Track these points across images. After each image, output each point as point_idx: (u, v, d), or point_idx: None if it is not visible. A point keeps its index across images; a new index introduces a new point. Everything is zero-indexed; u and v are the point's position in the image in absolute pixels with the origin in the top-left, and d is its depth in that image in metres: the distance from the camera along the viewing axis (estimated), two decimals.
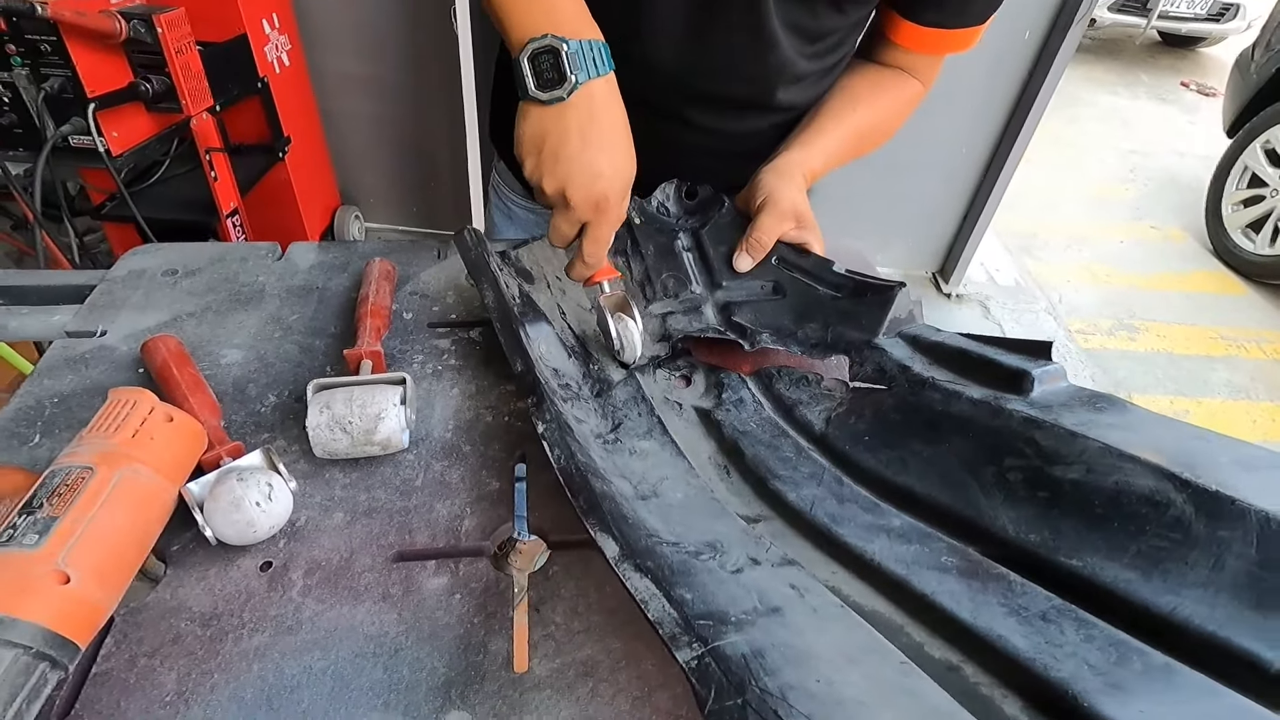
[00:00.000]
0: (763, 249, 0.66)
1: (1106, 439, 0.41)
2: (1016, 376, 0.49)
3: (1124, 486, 0.39)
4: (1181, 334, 2.58)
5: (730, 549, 0.43)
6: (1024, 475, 0.44)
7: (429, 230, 2.56)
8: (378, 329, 0.62)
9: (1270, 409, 2.28)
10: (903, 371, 0.56)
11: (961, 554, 0.43)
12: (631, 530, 0.41)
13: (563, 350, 0.60)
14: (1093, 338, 2.53)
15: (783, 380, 0.62)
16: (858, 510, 0.48)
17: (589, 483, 0.44)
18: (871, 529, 0.46)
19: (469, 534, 0.50)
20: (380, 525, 0.50)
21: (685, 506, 0.48)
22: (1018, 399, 0.48)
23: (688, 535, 0.44)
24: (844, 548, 0.45)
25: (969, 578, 0.40)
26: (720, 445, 0.57)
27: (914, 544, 0.44)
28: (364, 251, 0.76)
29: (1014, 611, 0.38)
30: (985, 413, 0.48)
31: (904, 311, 0.61)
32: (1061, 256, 2.96)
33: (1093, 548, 0.39)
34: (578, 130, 0.52)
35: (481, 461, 0.55)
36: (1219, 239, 3.00)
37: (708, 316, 0.67)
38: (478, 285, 0.58)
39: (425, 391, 0.61)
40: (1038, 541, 0.41)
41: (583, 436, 0.52)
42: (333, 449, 0.52)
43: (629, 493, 0.48)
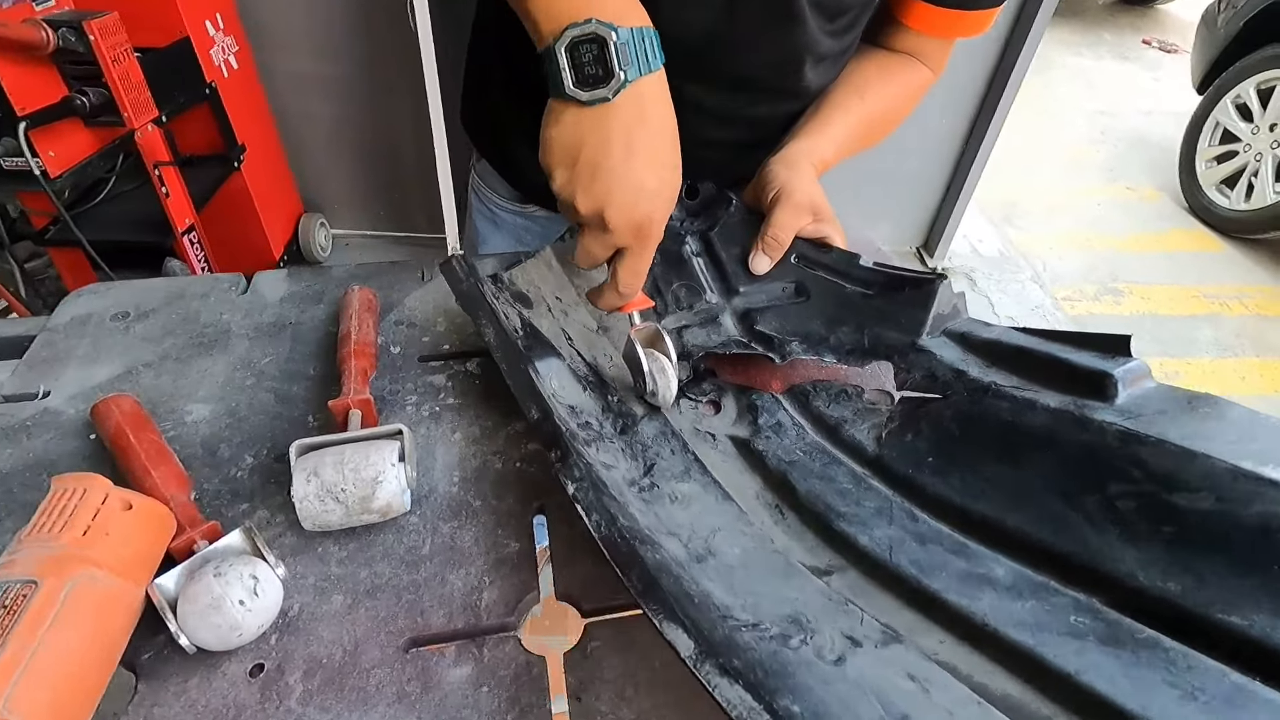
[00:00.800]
0: (781, 247, 0.60)
1: (1233, 457, 0.36)
2: (1096, 379, 0.43)
3: (1272, 520, 0.33)
4: (1164, 294, 2.58)
5: (819, 625, 0.37)
6: (1138, 505, 0.38)
7: (400, 234, 2.46)
8: (364, 371, 0.54)
9: (1258, 365, 2.29)
10: (958, 377, 0.50)
11: (1091, 611, 0.37)
12: (700, 612, 0.35)
13: (576, 382, 0.54)
14: (1079, 304, 2.52)
15: (820, 396, 0.56)
16: (945, 554, 0.42)
17: (639, 554, 0.37)
18: (970, 580, 0.40)
19: (490, 608, 0.44)
20: (387, 606, 0.43)
21: (748, 566, 0.42)
22: (1102, 406, 0.43)
23: (763, 608, 0.38)
24: (943, 606, 0.39)
25: (1113, 646, 0.34)
26: (766, 480, 0.51)
27: (1028, 599, 0.38)
28: (339, 278, 0.69)
29: (1188, 695, 0.31)
30: (1069, 425, 0.43)
31: (947, 307, 0.55)
32: (1042, 223, 2.95)
33: (1251, 600, 0.33)
34: (623, 138, 0.44)
35: (495, 518, 0.49)
36: (1194, 196, 3.00)
37: (727, 327, 0.60)
38: (475, 322, 0.51)
39: (424, 438, 0.54)
40: (1179, 591, 0.35)
41: (616, 488, 0.45)
42: (325, 521, 0.45)
43: (681, 555, 0.42)
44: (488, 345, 0.50)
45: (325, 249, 2.31)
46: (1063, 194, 3.16)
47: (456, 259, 0.55)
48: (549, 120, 0.46)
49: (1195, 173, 2.98)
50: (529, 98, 0.45)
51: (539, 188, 0.47)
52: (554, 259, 0.62)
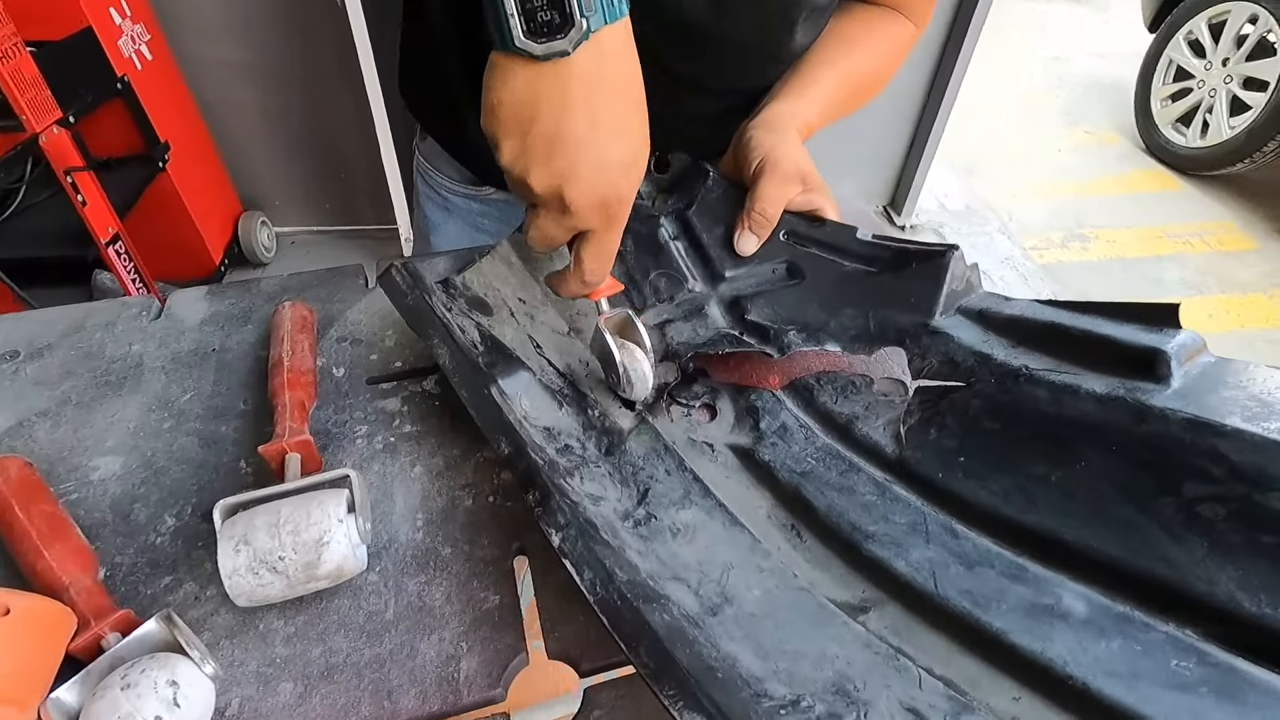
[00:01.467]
0: (769, 224, 0.54)
1: None
2: (1145, 357, 0.37)
3: None
4: (1130, 237, 2.58)
5: (871, 694, 0.31)
6: (1227, 510, 0.32)
7: (349, 228, 2.33)
8: (301, 404, 0.46)
9: (1224, 301, 2.31)
10: (982, 361, 0.44)
11: (1194, 652, 0.31)
12: (728, 694, 0.29)
13: (550, 399, 0.47)
14: (1047, 252, 2.51)
15: (825, 390, 0.50)
16: (1001, 579, 0.36)
17: (644, 618, 0.31)
18: (1037, 613, 0.34)
19: (471, 680, 0.37)
20: (347, 691, 0.36)
21: (773, 614, 0.36)
22: (1156, 389, 0.37)
23: (800, 673, 0.32)
24: (1010, 651, 0.33)
25: (1233, 702, 0.28)
26: (778, 496, 0.44)
27: (1113, 637, 0.32)
28: (269, 292, 0.60)
29: None
30: (1123, 415, 0.37)
31: (960, 282, 0.49)
32: (1005, 174, 2.92)
33: None
34: (585, 102, 0.37)
35: (469, 567, 0.42)
36: (1151, 136, 3.00)
37: (715, 318, 0.54)
38: (425, 342, 0.44)
39: (378, 477, 0.46)
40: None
41: (609, 527, 0.39)
42: (263, 596, 0.37)
43: (694, 607, 0.35)
44: (443, 369, 0.42)
45: (270, 249, 2.17)
46: (1024, 143, 3.14)
47: (397, 267, 0.47)
48: (493, 79, 0.38)
49: (1151, 113, 2.98)
50: (481, 58, 0.37)
51: (495, 167, 0.39)
52: (513, 254, 0.54)
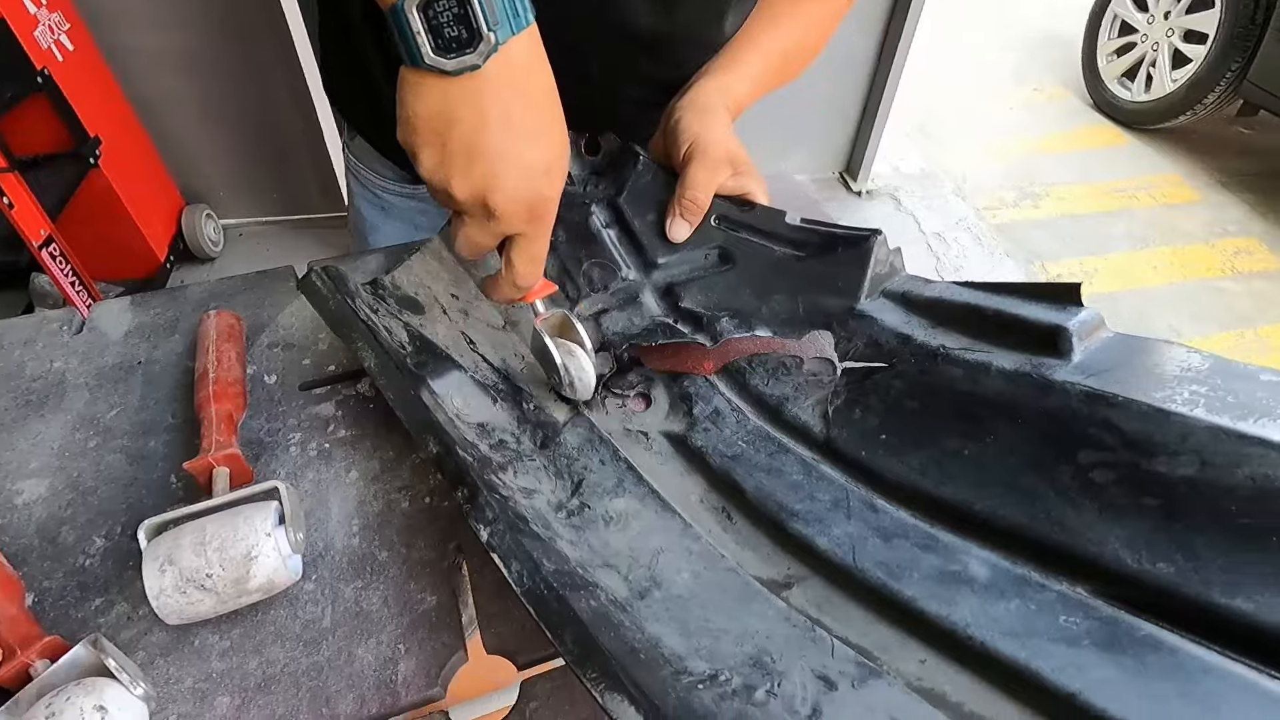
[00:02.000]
0: (700, 210, 0.54)
1: (1209, 413, 0.32)
2: (1049, 335, 0.39)
3: (1264, 483, 0.30)
4: (1079, 194, 2.64)
5: (787, 664, 0.32)
6: (1116, 475, 0.34)
7: (297, 217, 2.27)
8: (229, 416, 0.46)
9: (1167, 253, 2.37)
10: (903, 343, 0.45)
11: (1081, 607, 0.33)
12: (649, 672, 0.30)
13: (483, 395, 0.47)
14: (1000, 212, 2.55)
15: (757, 374, 0.51)
16: (914, 550, 0.38)
17: (571, 607, 0.32)
18: (945, 580, 0.36)
19: (410, 681, 0.38)
20: (285, 700, 0.37)
21: (699, 596, 0.37)
22: (1060, 364, 0.38)
23: (721, 650, 0.33)
24: (919, 617, 0.35)
25: (1113, 651, 0.30)
26: (710, 481, 0.45)
27: (1011, 598, 0.34)
28: (196, 299, 0.59)
29: (1209, 709, 0.27)
30: (1029, 389, 0.38)
31: (884, 265, 0.50)
32: (958, 135, 2.95)
33: (1256, 577, 0.29)
34: (500, 111, 0.37)
35: (407, 570, 0.42)
36: (1098, 92, 3.05)
37: (649, 307, 0.54)
38: (349, 346, 0.43)
39: (313, 485, 0.46)
40: (1172, 574, 0.31)
41: (540, 519, 0.39)
42: (193, 614, 0.37)
43: (622, 592, 0.36)
44: (369, 372, 0.42)
45: (217, 243, 2.11)
46: (976, 103, 3.17)
47: (317, 271, 0.46)
48: (405, 94, 0.38)
49: (1097, 68, 3.01)
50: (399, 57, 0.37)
51: None
52: (444, 249, 0.54)
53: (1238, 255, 2.32)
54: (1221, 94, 2.51)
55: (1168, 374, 0.35)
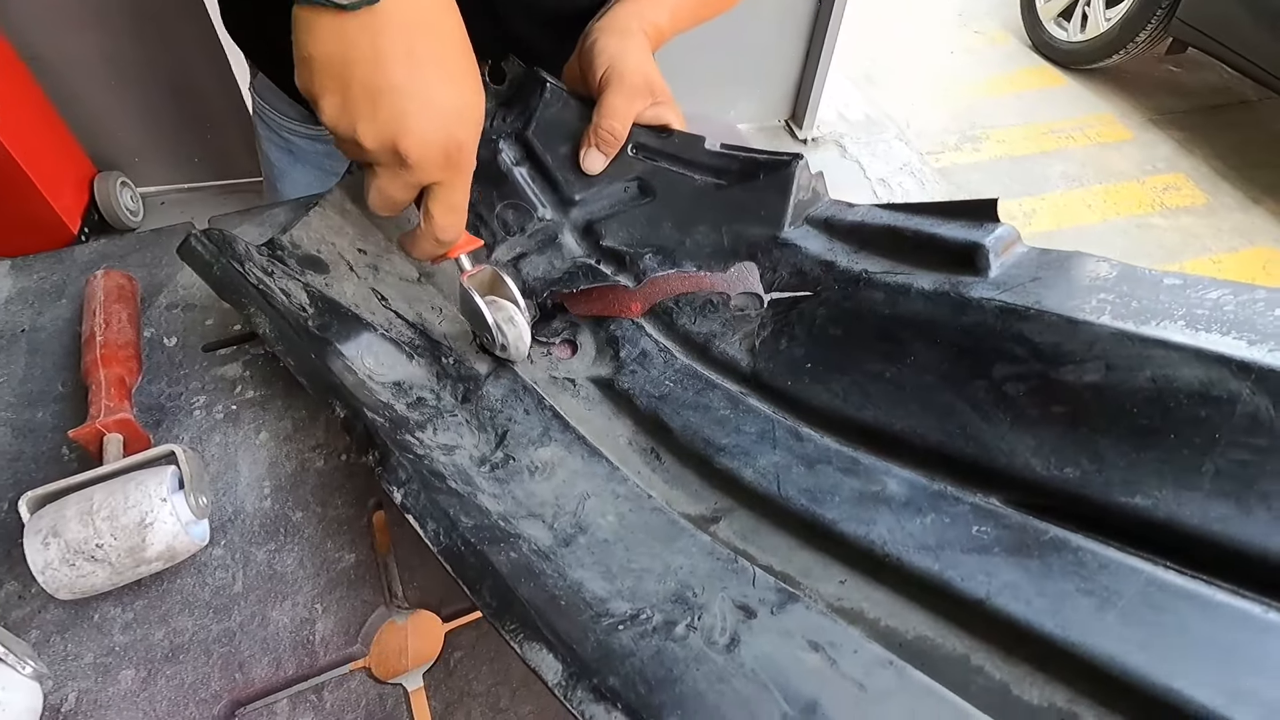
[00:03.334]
0: (617, 140, 0.51)
1: (1114, 319, 0.32)
2: (966, 252, 0.39)
3: (1163, 383, 0.30)
4: (1018, 135, 2.67)
5: (707, 597, 0.32)
6: (1027, 386, 0.34)
7: (222, 182, 2.15)
8: (120, 380, 0.43)
9: (1101, 191, 2.44)
10: (827, 269, 0.44)
11: (993, 517, 0.33)
12: (568, 620, 0.29)
13: (398, 353, 0.45)
14: (943, 156, 2.57)
15: (685, 313, 0.50)
16: (836, 474, 0.38)
17: (489, 561, 0.31)
18: (864, 501, 0.36)
19: (328, 641, 0.37)
20: (195, 669, 0.35)
21: (624, 537, 0.37)
22: (979, 281, 0.38)
23: (644, 589, 0.33)
24: (840, 539, 0.35)
25: (1021, 556, 0.31)
26: (638, 422, 0.45)
27: (926, 513, 0.34)
28: (85, 261, 0.55)
29: (1104, 602, 0.28)
30: (946, 308, 0.38)
31: (806, 191, 0.48)
32: (901, 80, 2.95)
33: (1154, 475, 0.30)
34: (403, 48, 0.34)
35: (323, 529, 0.41)
36: (1036, 33, 3.07)
37: (569, 248, 0.52)
38: (241, 314, 0.40)
39: (219, 448, 0.44)
40: (1078, 478, 0.32)
41: (460, 475, 0.38)
42: (87, 587, 0.35)
43: (546, 541, 0.36)
44: (263, 339, 0.39)
45: (135, 211, 1.99)
46: (918, 47, 3.16)
47: (196, 235, 0.42)
48: (300, 34, 0.34)
49: (1035, 9, 3.03)
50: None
51: None
52: (348, 201, 0.51)
53: (1166, 191, 2.40)
54: (1152, 32, 2.55)
55: (1078, 284, 0.36)
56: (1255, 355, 0.28)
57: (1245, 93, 2.80)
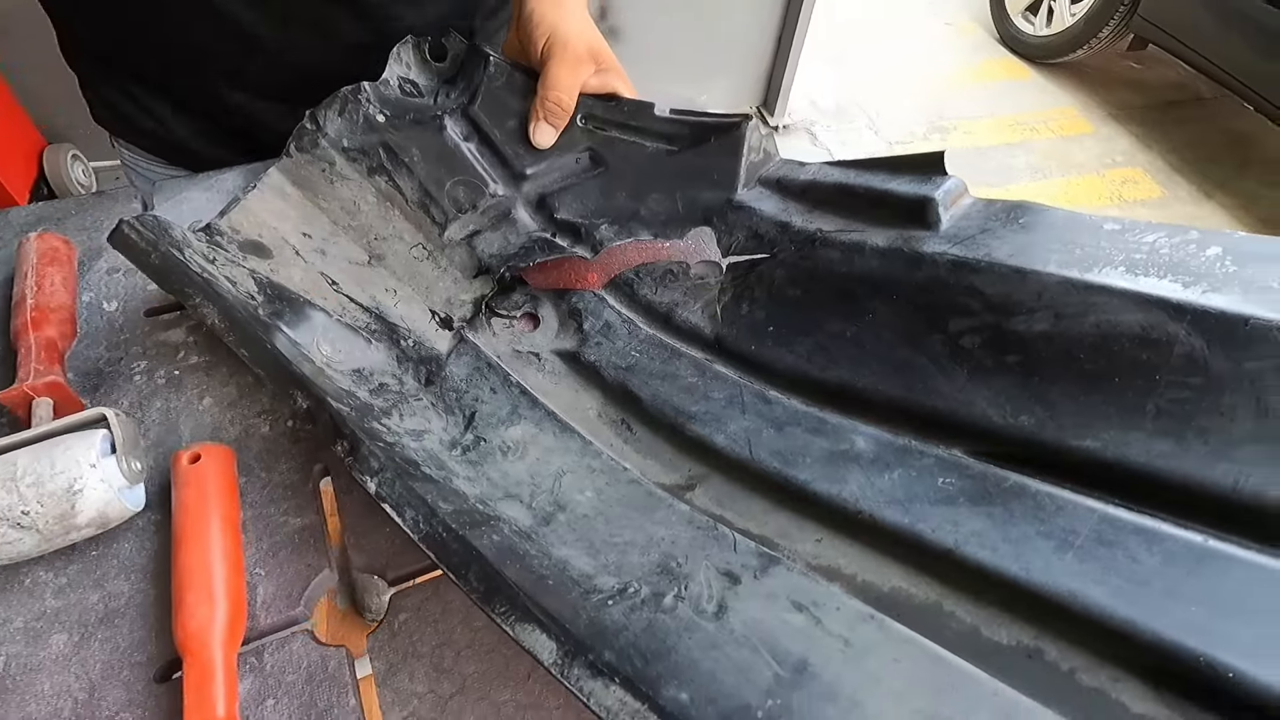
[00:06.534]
0: (565, 112, 0.50)
1: (1060, 268, 0.33)
2: (917, 206, 0.40)
3: (1107, 328, 0.31)
4: (985, 126, 2.72)
5: (692, 566, 0.32)
6: (982, 339, 0.35)
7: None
8: (51, 344, 0.42)
9: (1063, 183, 2.49)
10: (782, 230, 0.45)
11: (956, 468, 0.34)
12: (558, 598, 0.29)
13: (355, 337, 0.43)
14: (911, 145, 2.60)
15: (645, 283, 0.50)
16: (806, 435, 0.39)
17: (472, 546, 0.31)
18: (834, 460, 0.37)
19: (270, 604, 0.36)
20: (130, 634, 0.35)
21: (604, 511, 0.37)
22: (930, 235, 0.39)
23: (629, 562, 0.33)
24: (813, 499, 0.35)
25: (985, 504, 0.32)
26: (606, 394, 0.45)
27: (894, 469, 0.35)
28: (21, 223, 0.53)
29: (1063, 543, 0.29)
30: (901, 265, 0.39)
31: (758, 153, 0.48)
32: (872, 70, 2.97)
33: (1102, 417, 0.31)
34: None
35: (267, 494, 0.40)
36: (1003, 26, 3.11)
37: (524, 222, 0.51)
38: (186, 304, 0.38)
39: (161, 414, 0.43)
40: (1033, 424, 0.33)
41: (433, 461, 0.37)
42: (14, 554, 0.34)
43: (526, 521, 0.35)
44: (213, 329, 0.37)
45: (88, 185, 1.93)
46: (889, 37, 3.19)
47: (129, 223, 0.40)
48: None
49: (1003, 3, 3.07)
50: None
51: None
52: (287, 183, 0.49)
53: (1124, 184, 2.46)
54: (1115, 28, 2.60)
55: (1025, 233, 0.37)
56: (1190, 296, 0.30)
57: (1201, 90, 2.87)
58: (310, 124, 0.49)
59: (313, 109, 0.50)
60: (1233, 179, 2.46)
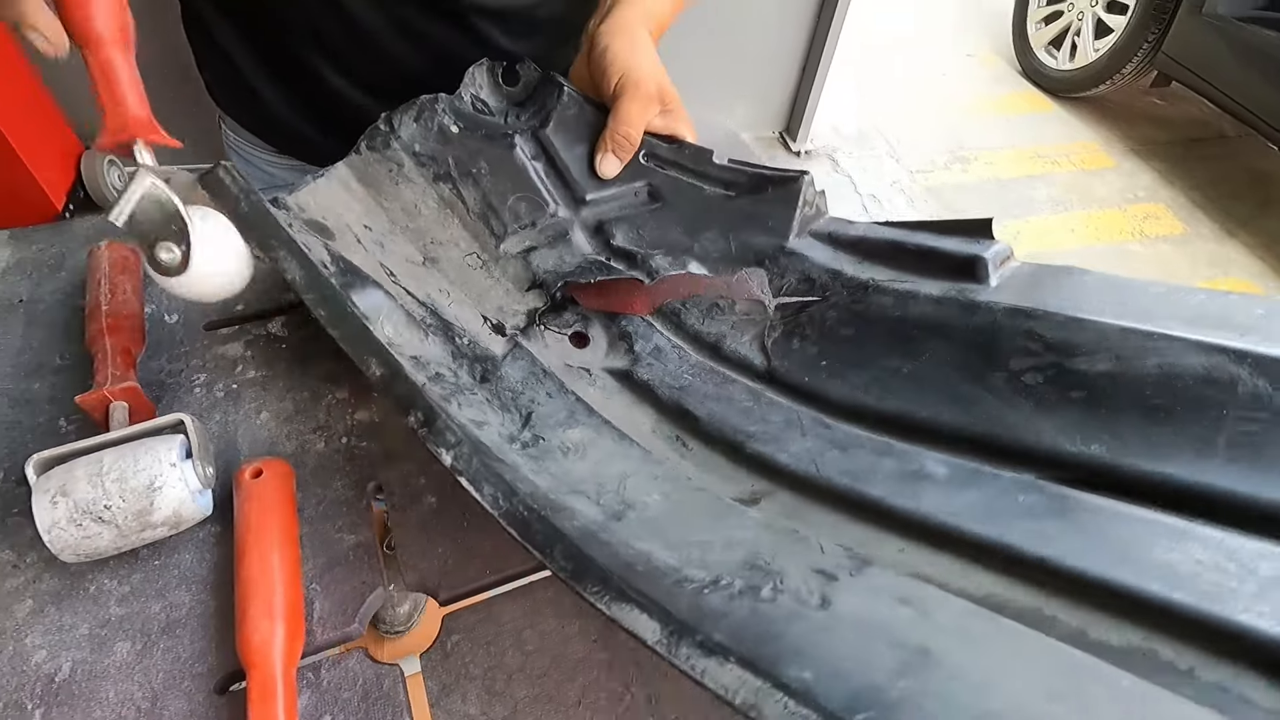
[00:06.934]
0: (631, 146, 0.52)
1: (1115, 318, 0.35)
2: (968, 264, 0.42)
3: (1170, 369, 0.33)
4: (1006, 158, 2.73)
5: (781, 565, 0.32)
6: (1044, 376, 0.37)
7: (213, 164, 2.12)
8: (125, 351, 0.43)
9: (1084, 216, 2.49)
10: (834, 277, 0.46)
11: (1034, 488, 0.35)
12: (651, 583, 0.29)
13: (414, 327, 0.44)
14: (931, 175, 2.61)
15: (692, 314, 0.51)
16: (872, 457, 0.39)
17: (555, 526, 0.31)
18: (906, 479, 0.37)
19: (326, 620, 0.37)
20: (191, 644, 0.35)
21: (674, 514, 0.37)
22: (980, 288, 0.41)
23: (714, 559, 0.33)
24: (890, 512, 0.36)
25: (1070, 518, 0.33)
26: (661, 411, 0.46)
27: (970, 489, 0.36)
28: (85, 234, 0.54)
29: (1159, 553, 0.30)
30: (956, 311, 0.40)
31: (811, 207, 0.51)
32: (895, 99, 2.99)
33: (1172, 446, 0.33)
34: None
35: (322, 509, 0.41)
36: (1026, 59, 3.14)
37: (580, 244, 0.53)
38: (266, 254, 0.38)
39: (220, 426, 0.44)
40: (1105, 452, 0.35)
41: (498, 449, 0.38)
42: (93, 549, 0.35)
43: (597, 516, 0.36)
44: (292, 285, 0.37)
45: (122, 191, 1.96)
46: (911, 64, 3.21)
47: (225, 167, 0.39)
48: None
49: (1026, 35, 3.09)
50: None
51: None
52: (353, 179, 0.50)
53: (1146, 220, 2.46)
54: (1138, 64, 2.61)
55: (1074, 290, 0.39)
56: (1248, 344, 0.32)
57: (1224, 128, 2.87)
58: (385, 125, 0.51)
59: (389, 112, 0.51)
60: (1256, 217, 2.46)
